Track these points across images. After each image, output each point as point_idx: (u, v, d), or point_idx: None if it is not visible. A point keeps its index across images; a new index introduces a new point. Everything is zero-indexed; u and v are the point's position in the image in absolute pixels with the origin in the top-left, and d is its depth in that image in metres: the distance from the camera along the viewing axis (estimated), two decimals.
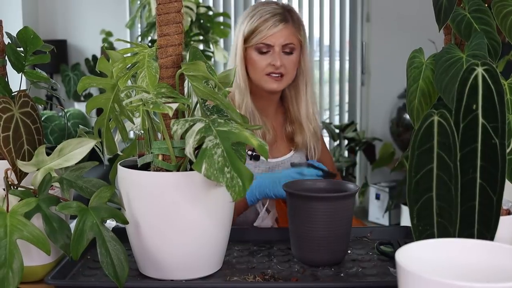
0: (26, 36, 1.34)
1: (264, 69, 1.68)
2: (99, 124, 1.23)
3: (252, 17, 1.69)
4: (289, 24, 1.68)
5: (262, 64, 1.68)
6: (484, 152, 0.93)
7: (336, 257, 1.24)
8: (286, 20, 1.68)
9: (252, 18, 1.68)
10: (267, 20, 1.66)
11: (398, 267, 0.79)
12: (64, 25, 4.66)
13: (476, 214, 0.95)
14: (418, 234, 0.94)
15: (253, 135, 0.99)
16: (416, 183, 0.93)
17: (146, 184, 1.10)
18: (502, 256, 0.84)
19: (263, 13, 1.68)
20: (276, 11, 1.69)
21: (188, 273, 1.14)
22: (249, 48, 1.69)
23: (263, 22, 1.66)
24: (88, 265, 1.23)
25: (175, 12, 1.13)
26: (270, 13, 1.68)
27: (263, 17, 1.67)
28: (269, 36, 1.66)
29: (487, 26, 1.21)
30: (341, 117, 4.70)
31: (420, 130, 0.93)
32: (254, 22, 1.67)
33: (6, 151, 1.16)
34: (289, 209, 1.26)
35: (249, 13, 1.72)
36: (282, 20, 1.67)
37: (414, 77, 1.23)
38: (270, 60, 1.67)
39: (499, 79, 0.93)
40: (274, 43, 1.67)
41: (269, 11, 1.68)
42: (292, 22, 1.69)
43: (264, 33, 1.66)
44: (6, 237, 1.00)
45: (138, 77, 1.16)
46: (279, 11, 1.69)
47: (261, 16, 1.67)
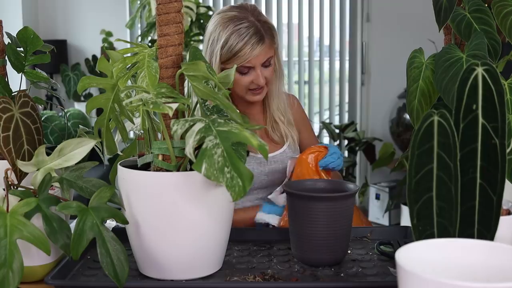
0: (26, 36, 1.35)
1: (247, 86, 1.68)
2: (99, 124, 1.23)
3: (228, 39, 1.63)
4: (265, 41, 1.64)
5: (245, 82, 1.67)
6: (484, 152, 0.93)
7: (336, 257, 1.24)
8: (262, 39, 1.63)
9: (229, 40, 1.62)
10: (245, 44, 1.61)
11: (398, 267, 0.79)
12: (64, 25, 4.66)
13: (476, 214, 0.95)
14: (418, 234, 0.94)
15: (253, 135, 0.99)
16: (416, 183, 0.93)
17: (146, 184, 1.10)
18: (502, 256, 0.84)
19: (238, 36, 1.62)
20: (250, 30, 1.63)
21: (188, 273, 1.14)
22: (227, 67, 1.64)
23: (241, 47, 1.61)
24: (88, 265, 1.23)
25: (175, 12, 1.13)
26: (245, 34, 1.62)
27: (239, 42, 1.62)
28: (250, 59, 1.63)
29: (487, 26, 1.21)
30: (341, 117, 4.70)
31: (420, 130, 0.93)
32: (231, 46, 1.62)
33: (6, 151, 1.16)
34: (289, 209, 1.26)
35: (219, 32, 1.65)
36: (259, 41, 1.63)
37: (414, 77, 1.23)
38: (253, 79, 1.66)
39: (499, 79, 0.93)
40: (254, 64, 1.65)
41: (244, 32, 1.62)
42: (267, 37, 1.65)
43: (243, 58, 1.62)
44: (6, 237, 1.00)
45: (138, 77, 1.16)
46: (253, 31, 1.63)
47: (237, 41, 1.62)
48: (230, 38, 1.63)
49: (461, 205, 0.94)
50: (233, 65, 1.60)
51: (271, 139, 1.81)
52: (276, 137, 1.81)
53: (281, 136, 1.81)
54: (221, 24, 1.66)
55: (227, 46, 1.63)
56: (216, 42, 1.66)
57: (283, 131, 1.81)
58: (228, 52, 1.63)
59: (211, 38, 1.68)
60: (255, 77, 1.66)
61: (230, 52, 1.63)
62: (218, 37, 1.65)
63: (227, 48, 1.63)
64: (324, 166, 1.62)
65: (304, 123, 1.92)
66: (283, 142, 1.82)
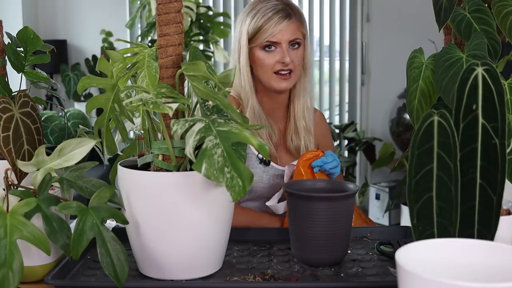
0: (26, 36, 1.35)
1: (272, 67, 1.65)
2: (99, 124, 1.23)
3: (254, 16, 1.65)
4: (293, 19, 1.66)
5: (270, 62, 1.65)
6: (484, 152, 0.93)
7: (336, 257, 1.24)
8: (289, 15, 1.65)
9: (255, 17, 1.65)
10: (271, 18, 1.63)
11: (398, 267, 0.79)
12: (64, 25, 4.66)
13: (476, 214, 0.95)
14: (418, 234, 0.94)
15: (253, 135, 0.99)
16: (416, 183, 0.93)
17: (146, 184, 1.10)
18: (502, 256, 0.84)
19: (265, 10, 1.65)
20: (278, 7, 1.66)
21: (188, 273, 1.14)
22: (254, 47, 1.66)
23: (267, 20, 1.63)
24: (88, 265, 1.23)
25: (175, 12, 1.13)
26: (272, 10, 1.65)
27: (266, 15, 1.64)
28: (275, 34, 1.63)
29: (487, 26, 1.21)
30: (341, 117, 4.70)
31: (420, 130, 0.93)
32: (257, 21, 1.64)
33: (6, 151, 1.16)
34: (289, 209, 1.26)
35: (248, 11, 1.68)
36: (286, 16, 1.65)
37: (414, 77, 1.23)
38: (279, 57, 1.64)
39: (499, 79, 0.93)
40: (280, 40, 1.64)
41: (270, 8, 1.65)
42: (295, 16, 1.67)
43: (269, 31, 1.63)
44: (6, 237, 1.00)
45: (138, 77, 1.16)
46: (280, 7, 1.66)
47: (264, 14, 1.64)
48: (257, 14, 1.66)
49: (461, 205, 0.94)
50: (259, 41, 1.63)
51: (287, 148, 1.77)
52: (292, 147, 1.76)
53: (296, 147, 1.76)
54: (251, 5, 1.70)
55: (254, 20, 1.65)
56: (244, 22, 1.68)
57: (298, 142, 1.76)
58: (255, 27, 1.65)
59: (240, 22, 1.70)
60: (281, 54, 1.64)
61: (256, 25, 1.64)
62: (247, 17, 1.68)
63: (253, 23, 1.65)
64: (319, 166, 1.59)
65: (325, 140, 1.87)
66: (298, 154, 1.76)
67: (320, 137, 1.86)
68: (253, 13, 1.67)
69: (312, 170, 1.59)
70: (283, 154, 1.77)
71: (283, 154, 1.77)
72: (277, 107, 1.77)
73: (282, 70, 1.66)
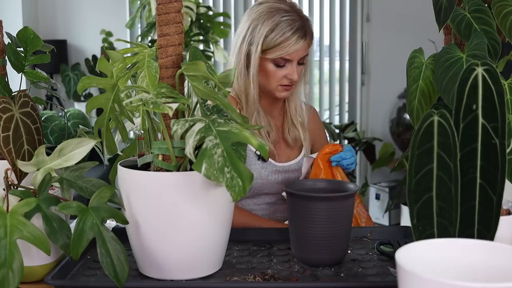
0: (26, 36, 1.35)
1: (279, 80, 1.69)
2: (99, 124, 1.23)
3: (272, 31, 1.64)
4: (307, 38, 1.68)
5: (278, 76, 1.68)
6: (484, 152, 0.93)
7: (336, 257, 1.24)
8: (305, 35, 1.67)
9: (273, 32, 1.64)
10: (289, 38, 1.64)
11: (398, 267, 0.79)
12: (64, 25, 4.66)
13: (476, 214, 0.95)
14: (418, 234, 0.94)
15: (253, 135, 0.99)
16: (416, 183, 0.93)
17: (146, 184, 1.10)
18: (502, 256, 0.84)
19: (285, 28, 1.65)
20: (296, 24, 1.66)
21: (188, 273, 1.14)
22: (265, 58, 1.67)
23: (285, 39, 1.64)
24: (88, 265, 1.23)
25: (175, 12, 1.13)
26: (291, 28, 1.65)
27: (285, 33, 1.64)
28: (291, 53, 1.66)
29: (487, 26, 1.21)
30: (341, 117, 4.70)
31: (420, 130, 0.93)
32: (276, 38, 1.64)
33: (6, 151, 1.16)
34: (289, 209, 1.26)
35: (265, 20, 1.66)
36: (303, 36, 1.66)
37: (414, 77, 1.23)
38: (287, 73, 1.68)
39: (499, 79, 0.93)
40: (293, 58, 1.67)
41: (290, 25, 1.65)
42: (309, 35, 1.69)
43: (286, 50, 1.65)
44: (6, 237, 1.00)
45: (138, 77, 1.16)
46: (298, 25, 1.66)
47: (283, 32, 1.64)
48: (276, 28, 1.65)
49: (461, 205, 0.94)
50: (273, 55, 1.65)
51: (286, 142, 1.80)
52: (290, 139, 1.80)
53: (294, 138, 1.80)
54: (266, 13, 1.68)
55: (271, 36, 1.65)
56: (259, 30, 1.67)
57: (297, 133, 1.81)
58: (271, 42, 1.65)
59: (252, 26, 1.69)
60: (290, 71, 1.68)
61: (274, 42, 1.65)
62: (262, 26, 1.67)
63: (271, 38, 1.65)
64: (337, 161, 1.65)
65: (320, 135, 1.92)
66: (298, 148, 1.81)
67: (315, 131, 1.90)
68: (270, 25, 1.65)
69: (330, 164, 1.65)
70: (282, 150, 1.80)
71: (283, 149, 1.80)
72: (275, 106, 1.81)
73: (286, 85, 1.70)
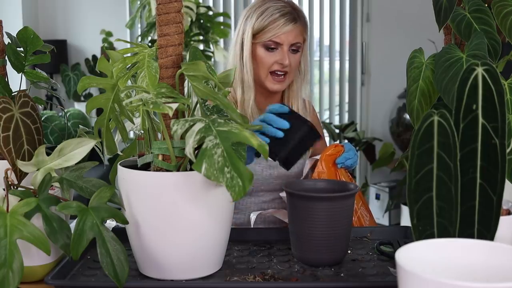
0: (26, 36, 1.35)
1: (270, 66, 1.70)
2: (99, 124, 1.23)
3: (261, 14, 1.69)
4: (298, 24, 1.70)
5: (269, 61, 1.69)
6: (484, 152, 0.93)
7: (336, 257, 1.24)
8: (295, 19, 1.70)
9: (262, 15, 1.69)
10: (277, 19, 1.68)
11: (398, 267, 0.79)
12: (64, 25, 4.66)
13: (476, 214, 0.95)
14: (418, 234, 0.94)
15: (253, 135, 0.99)
16: (416, 183, 0.93)
17: (146, 184, 1.10)
18: (502, 256, 0.84)
19: (273, 11, 1.69)
20: (285, 9, 1.70)
21: (188, 273, 1.14)
22: (256, 44, 1.70)
23: (273, 20, 1.67)
24: (88, 265, 1.23)
25: (175, 12, 1.13)
26: (280, 11, 1.69)
27: (273, 15, 1.68)
28: (279, 35, 1.67)
29: (487, 26, 1.21)
30: (341, 117, 4.70)
31: (420, 130, 0.93)
32: (264, 20, 1.68)
33: (6, 151, 1.16)
34: (289, 209, 1.26)
35: (256, 8, 1.72)
36: (292, 20, 1.69)
37: (414, 77, 1.23)
38: (278, 58, 1.69)
39: (499, 79, 0.93)
40: (283, 42, 1.68)
41: (278, 9, 1.69)
42: (300, 21, 1.71)
43: (274, 31, 1.67)
44: (6, 237, 1.00)
45: (138, 77, 1.16)
46: (288, 10, 1.70)
47: (271, 14, 1.68)
48: (265, 11, 1.69)
49: (461, 205, 0.94)
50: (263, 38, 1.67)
51: None
52: None
53: None
54: (258, 3, 1.73)
55: (260, 19, 1.69)
56: (251, 18, 1.71)
57: None
58: (260, 24, 1.68)
59: (245, 16, 1.73)
60: (281, 55, 1.69)
61: (262, 24, 1.68)
62: (254, 13, 1.71)
63: (259, 21, 1.68)
64: (343, 163, 1.66)
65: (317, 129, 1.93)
66: None
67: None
68: (260, 11, 1.70)
69: (336, 167, 1.67)
70: None
71: None
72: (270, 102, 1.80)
73: (278, 71, 1.70)
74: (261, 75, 1.71)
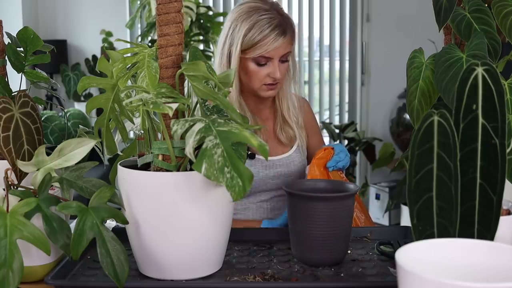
0: (26, 36, 1.35)
1: (262, 79, 1.69)
2: (99, 124, 1.23)
3: (250, 29, 1.65)
4: (287, 36, 1.67)
5: (260, 75, 1.68)
6: (484, 152, 0.93)
7: (336, 257, 1.24)
8: (285, 32, 1.66)
9: (251, 30, 1.64)
10: (267, 35, 1.64)
11: (398, 267, 0.79)
12: (64, 25, 4.66)
13: (476, 214, 0.95)
14: (418, 234, 0.94)
15: (253, 135, 0.99)
16: (416, 183, 0.93)
17: (146, 184, 1.10)
18: (502, 256, 0.84)
19: (263, 25, 1.64)
20: (274, 22, 1.65)
21: (188, 273, 1.14)
22: (245, 58, 1.67)
23: (264, 37, 1.64)
24: (88, 265, 1.23)
25: (175, 12, 1.13)
26: (269, 26, 1.64)
27: (263, 31, 1.64)
28: (270, 51, 1.65)
29: (487, 26, 1.21)
30: (341, 117, 4.70)
31: (420, 130, 0.93)
32: (254, 36, 1.64)
33: (6, 151, 1.16)
34: (289, 209, 1.26)
35: (243, 20, 1.67)
36: (282, 33, 1.65)
37: (414, 77, 1.23)
38: (269, 72, 1.67)
39: (499, 79, 0.93)
40: (273, 56, 1.66)
41: (267, 22, 1.65)
42: (289, 32, 1.68)
43: (265, 48, 1.64)
44: (6, 237, 1.00)
45: (138, 77, 1.16)
46: (277, 22, 1.65)
47: (261, 30, 1.64)
48: (253, 27, 1.65)
49: (461, 205, 0.94)
50: (252, 54, 1.65)
51: (279, 140, 1.81)
52: (283, 138, 1.80)
53: (289, 137, 1.81)
54: (245, 13, 1.68)
55: (250, 35, 1.65)
56: (238, 30, 1.67)
57: (292, 132, 1.81)
58: (250, 41, 1.65)
59: (232, 26, 1.69)
60: (272, 69, 1.67)
61: (252, 40, 1.65)
62: (241, 25, 1.67)
63: (249, 37, 1.65)
64: (333, 166, 1.66)
65: (313, 127, 1.92)
66: (291, 145, 1.82)
67: (309, 125, 1.90)
68: (248, 24, 1.65)
69: (327, 170, 1.66)
70: (271, 146, 1.78)
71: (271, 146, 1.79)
72: (262, 107, 1.81)
73: (270, 84, 1.70)
74: (254, 86, 1.70)
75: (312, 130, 1.91)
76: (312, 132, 1.90)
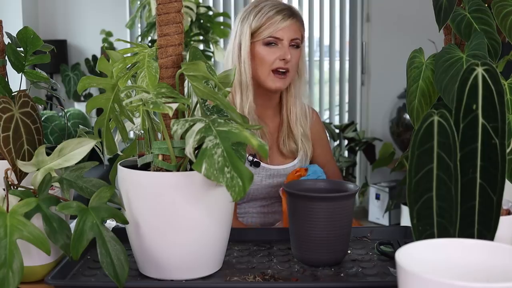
0: (26, 36, 1.35)
1: (272, 63, 1.67)
2: (99, 124, 1.23)
3: (258, 13, 1.69)
4: (295, 19, 1.70)
5: (270, 59, 1.67)
6: (484, 152, 0.93)
7: (336, 257, 1.24)
8: (293, 15, 1.69)
9: (258, 13, 1.68)
10: (275, 15, 1.67)
11: (398, 267, 0.79)
12: (64, 25, 4.66)
13: (476, 214, 0.95)
14: (418, 234, 0.94)
15: (253, 135, 0.99)
16: (416, 183, 0.93)
17: (146, 184, 1.10)
18: (502, 256, 0.84)
19: (269, 8, 1.69)
20: (281, 6, 1.70)
21: (188, 273, 1.14)
22: (255, 43, 1.69)
23: (271, 16, 1.67)
24: (88, 265, 1.23)
25: (175, 12, 1.13)
26: (276, 8, 1.69)
27: (270, 11, 1.68)
28: (279, 30, 1.66)
29: (487, 26, 1.21)
30: (341, 117, 4.70)
31: (420, 130, 0.93)
32: (261, 17, 1.67)
33: (6, 151, 1.16)
34: (289, 209, 1.26)
35: (251, 10, 1.71)
36: (289, 15, 1.68)
37: (414, 77, 1.23)
38: (279, 54, 1.67)
39: (499, 79, 0.93)
40: (283, 37, 1.67)
41: (274, 6, 1.69)
42: (296, 17, 1.71)
43: (274, 26, 1.66)
44: (6, 237, 1.00)
45: (138, 77, 1.16)
46: (283, 7, 1.70)
47: (268, 11, 1.68)
48: (261, 11, 1.69)
49: (461, 205, 0.94)
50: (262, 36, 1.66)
51: (281, 151, 1.78)
52: (285, 151, 1.77)
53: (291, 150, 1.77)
54: (253, 6, 1.73)
55: (258, 17, 1.68)
56: (247, 20, 1.70)
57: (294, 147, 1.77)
58: (258, 22, 1.67)
59: (240, 20, 1.72)
60: (282, 51, 1.67)
61: (260, 21, 1.67)
62: (249, 15, 1.70)
63: (257, 19, 1.68)
64: None
65: (321, 139, 1.88)
66: (293, 156, 1.79)
67: (316, 136, 1.86)
68: (256, 10, 1.69)
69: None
70: (275, 154, 1.77)
71: (275, 155, 1.77)
72: (268, 105, 1.78)
73: (280, 68, 1.67)
74: (262, 74, 1.68)
75: (319, 142, 1.87)
76: (318, 144, 1.86)
